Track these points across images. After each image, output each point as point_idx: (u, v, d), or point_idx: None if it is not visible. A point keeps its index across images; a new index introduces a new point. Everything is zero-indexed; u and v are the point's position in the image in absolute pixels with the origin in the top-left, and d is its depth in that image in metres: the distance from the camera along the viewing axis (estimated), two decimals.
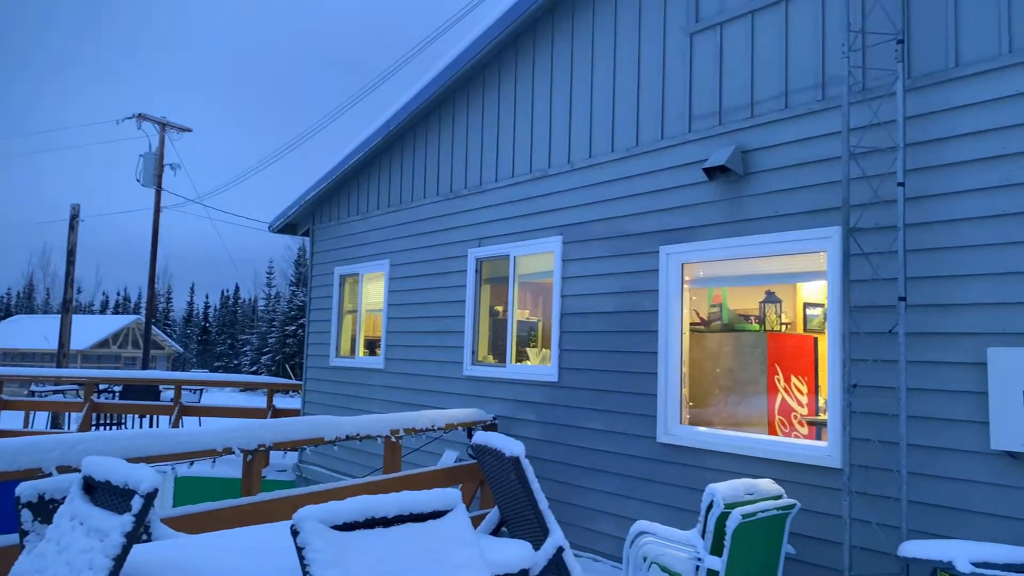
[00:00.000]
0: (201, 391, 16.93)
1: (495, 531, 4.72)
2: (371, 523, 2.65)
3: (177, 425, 12.57)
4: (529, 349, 7.61)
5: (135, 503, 2.52)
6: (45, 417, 16.90)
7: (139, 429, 7.08)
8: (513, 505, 4.48)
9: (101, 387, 15.82)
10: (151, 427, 15.35)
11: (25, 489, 3.05)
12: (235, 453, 5.15)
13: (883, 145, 4.79)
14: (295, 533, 2.48)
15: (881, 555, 4.55)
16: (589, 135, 6.93)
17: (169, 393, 16.39)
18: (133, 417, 15.16)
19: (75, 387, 15.71)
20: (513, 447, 4.34)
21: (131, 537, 2.47)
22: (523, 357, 7.62)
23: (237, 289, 67.10)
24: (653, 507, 5.94)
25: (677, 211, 6.04)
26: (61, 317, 21.67)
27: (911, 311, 4.56)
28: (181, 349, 56.31)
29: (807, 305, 6.55)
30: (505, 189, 7.82)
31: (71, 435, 4.33)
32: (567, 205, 7.06)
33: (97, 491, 2.78)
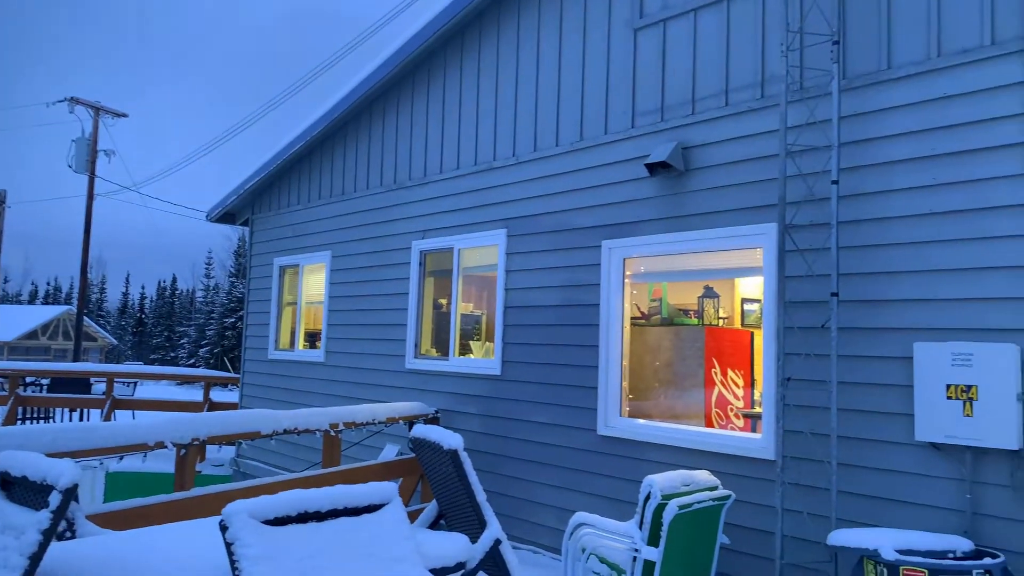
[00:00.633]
0: (135, 384, 16.43)
1: (433, 524, 4.70)
2: (304, 517, 2.61)
3: (109, 419, 12.19)
4: (473, 342, 7.59)
5: (53, 499, 2.42)
6: None
7: (67, 423, 6.83)
8: (451, 498, 4.47)
9: (28, 380, 15.22)
10: (81, 421, 14.82)
11: None
12: (168, 447, 5.01)
13: (819, 144, 4.91)
14: (224, 528, 2.42)
15: (812, 544, 4.68)
16: (534, 128, 6.93)
17: (101, 386, 15.86)
18: (62, 411, 14.62)
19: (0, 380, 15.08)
20: (451, 440, 4.32)
21: (48, 534, 2.38)
22: (466, 350, 7.60)
23: (174, 280, 65.34)
24: (593, 499, 5.99)
25: (620, 206, 6.08)
26: None
27: (843, 307, 4.68)
28: (115, 341, 54.62)
29: (744, 300, 6.68)
30: (450, 181, 7.77)
31: None
32: (512, 198, 7.05)
33: (14, 487, 2.67)
